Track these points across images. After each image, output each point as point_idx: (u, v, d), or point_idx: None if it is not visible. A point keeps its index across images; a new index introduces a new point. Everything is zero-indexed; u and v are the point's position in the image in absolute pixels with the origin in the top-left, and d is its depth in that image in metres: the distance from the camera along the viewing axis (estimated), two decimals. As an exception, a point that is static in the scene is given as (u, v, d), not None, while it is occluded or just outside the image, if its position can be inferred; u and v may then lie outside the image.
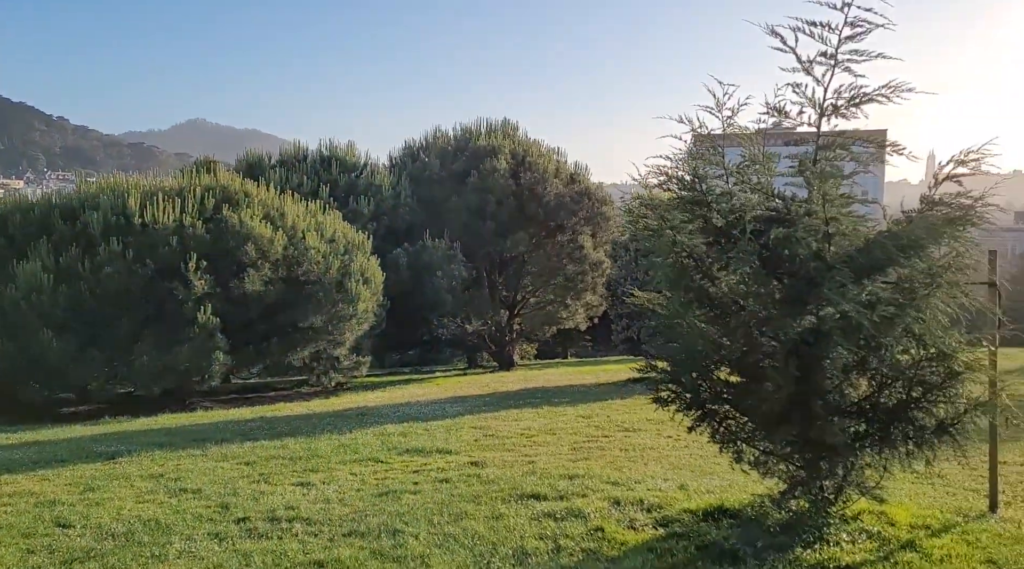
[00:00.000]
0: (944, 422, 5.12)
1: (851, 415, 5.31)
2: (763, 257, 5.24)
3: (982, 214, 4.98)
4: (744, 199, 5.54)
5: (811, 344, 4.90)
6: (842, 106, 5.15)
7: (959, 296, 5.09)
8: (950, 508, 5.90)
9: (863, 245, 4.88)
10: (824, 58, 5.15)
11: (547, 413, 11.35)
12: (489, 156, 22.10)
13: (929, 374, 5.10)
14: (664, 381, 5.70)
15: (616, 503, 5.94)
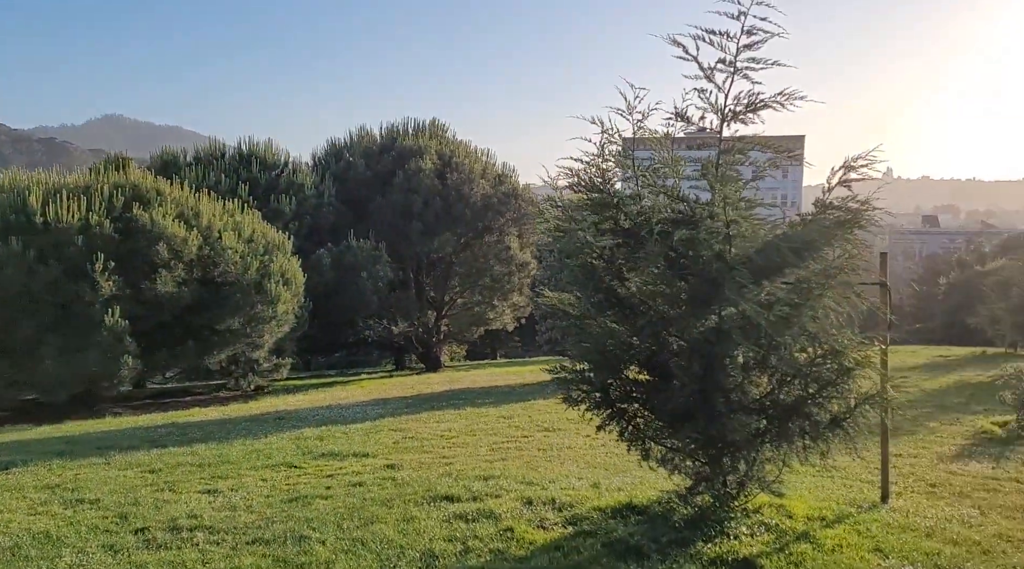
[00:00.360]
0: (837, 417, 5.34)
1: (752, 412, 5.47)
2: (669, 258, 5.36)
3: (871, 217, 5.21)
4: (653, 202, 5.66)
5: (713, 343, 5.03)
6: (740, 112, 5.30)
7: (851, 296, 5.34)
8: (845, 500, 6.15)
9: (761, 247, 5.04)
10: (724, 65, 5.29)
11: (469, 414, 11.33)
12: (415, 156, 21.94)
13: (824, 371, 5.31)
14: (575, 381, 5.76)
15: (529, 503, 5.96)
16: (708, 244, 5.11)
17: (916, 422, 10.17)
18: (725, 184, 5.09)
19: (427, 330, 23.26)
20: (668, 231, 5.21)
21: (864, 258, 5.51)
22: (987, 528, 5.42)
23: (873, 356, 5.40)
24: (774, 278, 5.21)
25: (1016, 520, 5.66)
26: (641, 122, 5.67)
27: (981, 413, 10.52)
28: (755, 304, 4.77)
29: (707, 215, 5.22)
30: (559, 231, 5.78)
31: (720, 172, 5.41)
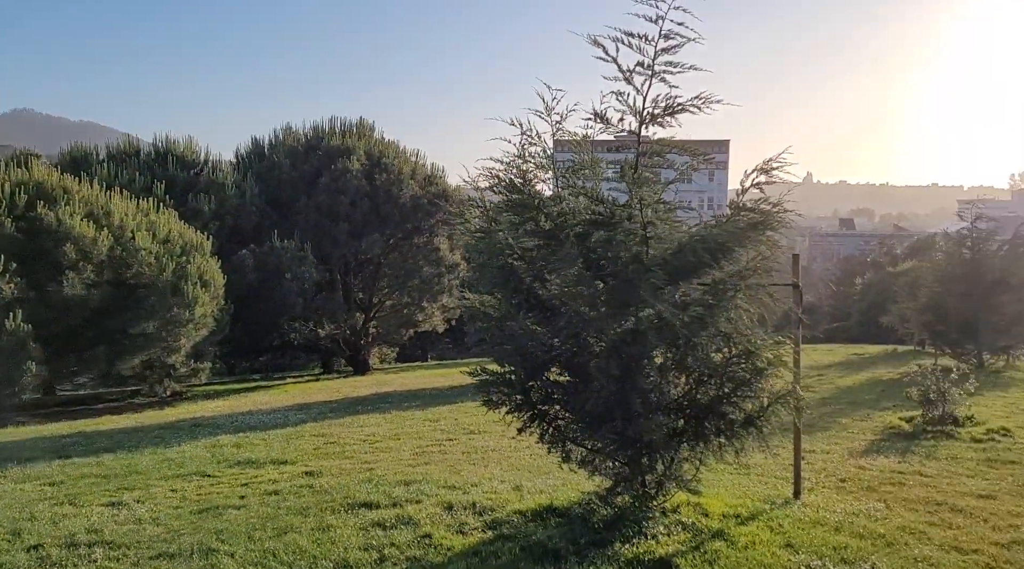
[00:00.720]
0: (751, 416, 5.45)
1: (670, 412, 5.53)
2: (588, 260, 5.37)
3: (782, 219, 5.33)
4: (573, 203, 5.66)
5: (630, 344, 5.05)
6: (658, 115, 5.34)
7: (764, 297, 5.45)
8: (761, 496, 6.29)
9: (677, 249, 5.09)
10: (642, 68, 5.33)
11: (394, 418, 11.15)
12: (343, 156, 21.53)
13: (739, 371, 5.40)
14: (496, 383, 5.70)
15: (449, 508, 5.87)
16: (626, 246, 5.13)
17: (830, 418, 10.53)
18: (641, 186, 5.12)
19: (355, 332, 22.86)
20: (586, 233, 5.21)
21: (777, 260, 5.65)
22: (891, 521, 5.62)
23: (786, 356, 5.53)
24: (690, 279, 5.27)
25: (918, 512, 5.89)
26: (560, 123, 5.66)
27: (890, 409, 10.94)
28: (670, 305, 4.81)
29: (625, 217, 5.24)
30: (480, 232, 5.72)
31: (638, 174, 5.45)
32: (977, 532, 5.41)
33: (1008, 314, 16.08)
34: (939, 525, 5.58)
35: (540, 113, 5.66)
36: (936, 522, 5.65)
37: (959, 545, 5.13)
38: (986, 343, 16.31)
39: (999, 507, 6.06)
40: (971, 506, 6.07)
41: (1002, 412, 10.51)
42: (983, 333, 16.17)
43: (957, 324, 16.43)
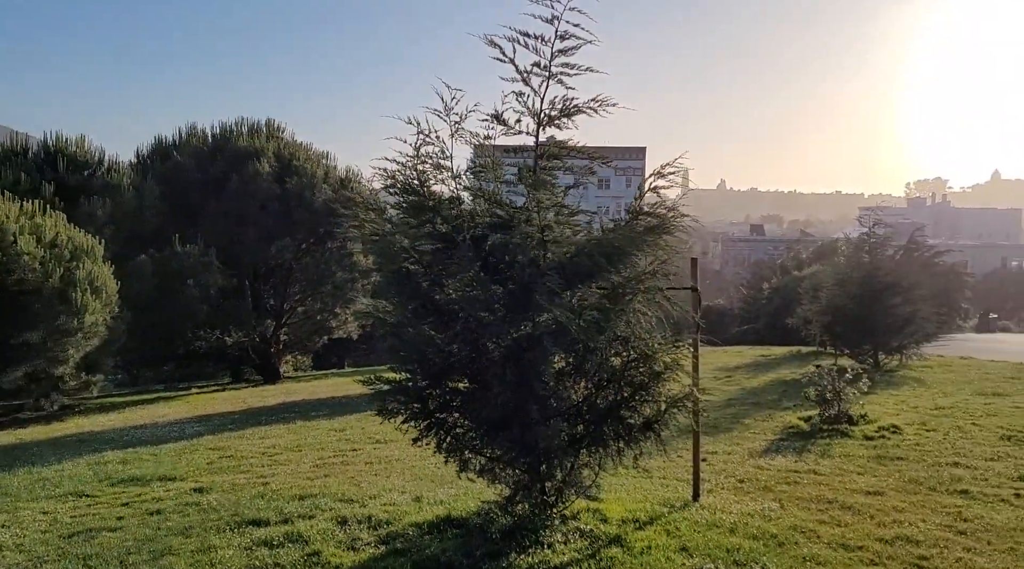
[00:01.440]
0: (649, 419, 5.44)
1: (569, 417, 5.47)
2: (487, 264, 5.25)
3: (678, 224, 5.34)
4: (472, 206, 5.53)
5: (526, 350, 4.95)
6: (555, 117, 5.28)
7: (662, 301, 5.45)
8: (661, 500, 6.30)
9: (574, 253, 5.03)
10: (539, 69, 5.26)
11: (299, 428, 10.76)
12: (252, 158, 20.78)
13: (637, 375, 5.39)
14: (393, 391, 5.50)
15: (343, 522, 5.63)
16: (523, 249, 5.04)
17: (734, 419, 10.76)
18: (539, 189, 5.03)
19: (265, 340, 22.09)
20: (483, 236, 5.09)
21: (675, 263, 5.67)
22: (784, 520, 5.71)
23: (684, 359, 5.55)
24: (588, 284, 5.22)
25: (810, 511, 6.02)
26: (459, 124, 5.52)
27: (791, 409, 11.27)
28: (567, 310, 4.73)
29: (524, 220, 5.15)
30: (375, 235, 5.52)
31: (536, 177, 5.37)
32: (863, 529, 5.56)
33: (900, 315, 16.88)
34: (829, 523, 5.71)
35: (438, 112, 5.51)
36: (826, 520, 5.78)
37: (846, 542, 5.25)
38: (881, 343, 17.07)
39: (886, 503, 6.26)
40: (860, 503, 6.25)
41: (893, 410, 10.97)
42: (878, 334, 16.93)
43: (854, 325, 17.14)
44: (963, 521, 5.75)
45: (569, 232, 5.34)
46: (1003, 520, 5.74)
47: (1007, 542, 5.24)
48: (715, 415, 11.20)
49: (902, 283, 17.15)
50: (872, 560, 4.95)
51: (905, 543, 5.23)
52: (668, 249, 5.56)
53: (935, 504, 6.23)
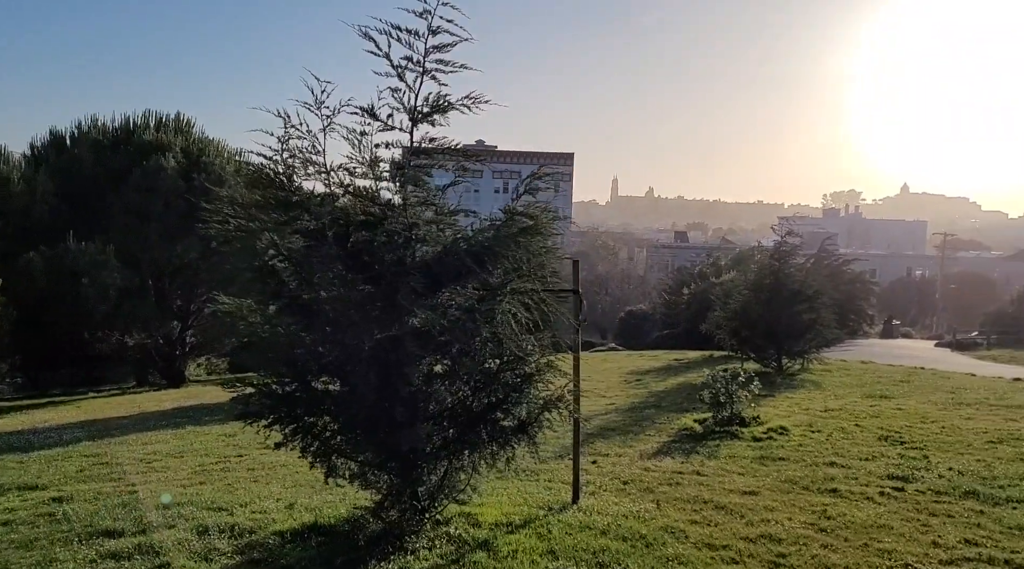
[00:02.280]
0: (523, 422, 5.39)
1: (442, 420, 5.37)
2: (358, 262, 5.10)
3: (553, 225, 5.32)
4: (345, 202, 5.38)
5: (390, 351, 4.83)
6: (428, 113, 5.18)
7: (543, 304, 5.42)
8: (541, 502, 6.26)
9: (441, 252, 4.94)
10: (413, 64, 5.16)
11: (187, 434, 10.32)
12: (156, 152, 19.96)
13: (510, 377, 5.33)
14: (257, 394, 5.28)
15: (203, 532, 5.38)
16: (389, 248, 4.92)
17: (635, 422, 10.88)
18: (406, 185, 4.92)
19: (169, 342, 21.22)
20: (347, 233, 4.95)
21: (552, 265, 5.64)
22: (657, 521, 5.75)
23: (557, 361, 5.52)
24: (458, 285, 5.14)
25: (685, 511, 6.09)
26: (331, 118, 5.35)
27: (691, 411, 11.46)
28: (431, 311, 4.63)
29: (396, 218, 5.03)
30: (240, 231, 5.29)
31: (407, 173, 5.27)
32: (732, 528, 5.65)
33: (803, 321, 17.47)
34: (700, 523, 5.78)
35: (308, 105, 5.33)
36: (698, 520, 5.85)
37: (712, 542, 5.32)
38: (785, 348, 17.63)
39: (759, 502, 6.40)
40: (734, 503, 6.36)
41: (786, 412, 11.29)
42: (781, 339, 17.48)
43: (760, 330, 17.65)
44: (826, 519, 5.92)
45: (440, 231, 5.25)
46: (863, 517, 5.93)
47: (863, 538, 5.41)
48: (617, 418, 11.32)
49: (807, 290, 17.77)
50: (733, 559, 5.03)
51: (768, 541, 5.34)
52: (551, 251, 5.56)
53: (805, 503, 6.39)
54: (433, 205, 5.25)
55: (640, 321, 45.33)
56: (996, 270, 78.65)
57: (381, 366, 4.94)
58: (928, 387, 14.27)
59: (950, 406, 11.66)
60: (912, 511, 6.15)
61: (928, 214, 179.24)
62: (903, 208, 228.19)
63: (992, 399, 12.28)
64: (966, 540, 5.39)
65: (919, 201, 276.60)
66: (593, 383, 16.84)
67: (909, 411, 11.16)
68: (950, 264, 76.95)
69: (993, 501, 6.41)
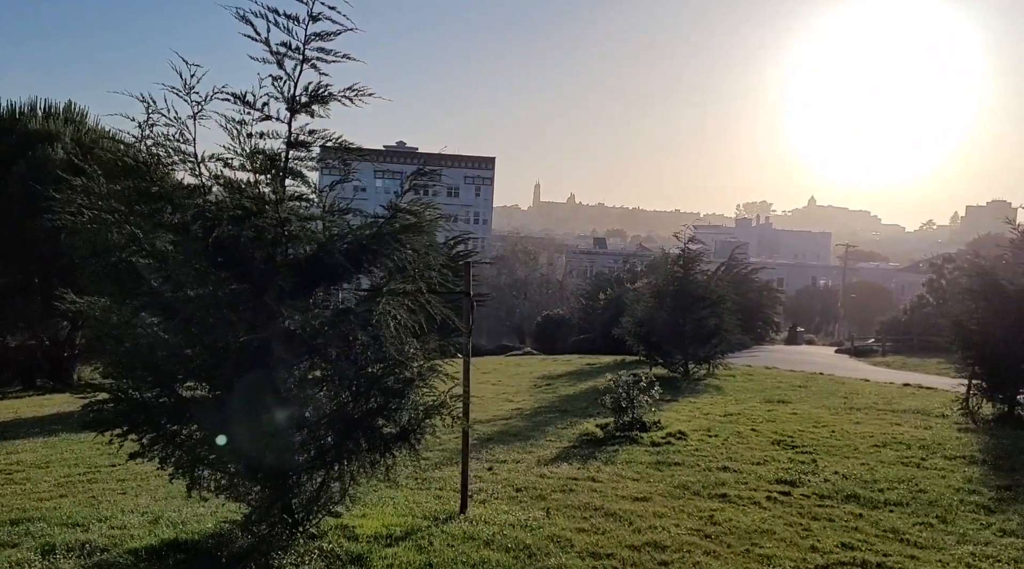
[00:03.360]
0: (405, 429, 5.16)
1: (318, 428, 5.08)
2: (228, 259, 4.77)
3: (437, 223, 5.13)
4: (218, 195, 5.02)
5: (260, 355, 4.51)
6: (306, 103, 4.90)
7: (427, 305, 5.20)
8: (428, 512, 6.03)
9: (316, 250, 4.66)
10: (292, 51, 4.87)
11: (59, 442, 9.60)
12: (44, 142, 18.70)
13: (391, 382, 5.09)
14: (112, 401, 4.86)
15: (49, 551, 4.91)
16: (259, 245, 4.61)
17: (537, 427, 10.76)
18: (276, 179, 4.63)
19: (56, 343, 19.90)
20: (212, 228, 4.61)
21: (435, 265, 5.43)
22: (545, 530, 5.62)
23: (441, 365, 5.32)
24: (336, 284, 4.88)
25: (574, 519, 5.98)
26: (202, 104, 4.99)
27: (595, 416, 11.45)
28: (299, 313, 4.35)
29: (271, 213, 4.72)
30: (94, 223, 4.87)
31: (285, 166, 4.97)
32: (619, 536, 5.57)
33: (708, 326, 17.86)
34: (587, 531, 5.68)
35: (177, 90, 4.96)
36: (586, 528, 5.75)
37: (597, 550, 5.22)
38: (690, 353, 17.96)
39: (648, 509, 6.35)
40: (624, 509, 6.30)
41: (687, 417, 11.42)
42: (688, 344, 17.81)
43: (667, 336, 17.94)
44: (712, 525, 5.92)
45: (326, 228, 4.98)
46: (748, 522, 5.96)
47: (745, 544, 5.42)
48: (520, 423, 11.20)
49: (711, 296, 18.17)
50: (616, 567, 4.93)
51: (653, 549, 5.28)
52: (437, 250, 5.36)
53: (693, 508, 6.39)
54: (308, 201, 4.96)
55: (557, 326, 45.55)
56: (893, 280, 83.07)
57: (251, 370, 4.61)
58: (824, 392, 14.75)
59: (842, 411, 12.06)
60: (795, 515, 6.24)
61: (833, 226, 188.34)
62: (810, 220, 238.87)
63: (881, 404, 12.78)
64: (843, 544, 5.48)
65: (825, 213, 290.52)
66: (503, 387, 16.74)
67: (803, 416, 11.47)
68: (851, 274, 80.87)
69: (872, 504, 6.58)
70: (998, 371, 11.00)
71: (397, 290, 4.73)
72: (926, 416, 11.34)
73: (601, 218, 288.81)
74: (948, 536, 5.71)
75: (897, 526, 5.92)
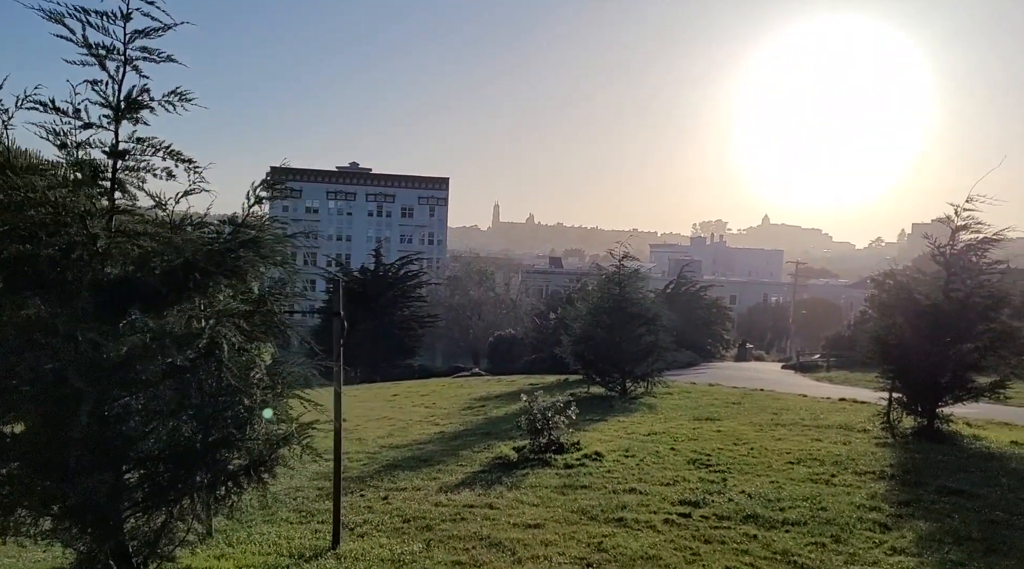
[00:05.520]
0: (254, 462, 4.75)
1: (157, 464, 4.64)
2: (33, 280, 4.33)
3: (281, 241, 4.76)
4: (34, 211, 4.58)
5: (57, 385, 4.08)
6: (127, 110, 4.51)
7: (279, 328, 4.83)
8: (297, 548, 5.63)
9: (132, 270, 4.26)
10: (113, 53, 4.49)
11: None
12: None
13: (233, 413, 4.68)
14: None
15: None
16: (58, 264, 4.19)
17: (452, 451, 10.36)
18: (77, 189, 4.22)
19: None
20: (10, 245, 4.18)
21: (293, 283, 5.07)
22: (418, 564, 5.29)
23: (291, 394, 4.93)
24: (163, 306, 4.46)
25: (455, 551, 5.64)
26: (8, 114, 4.54)
27: (517, 438, 11.08)
28: (100, 335, 3.93)
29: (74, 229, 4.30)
30: None
31: (114, 178, 4.57)
32: (496, 568, 5.22)
33: (644, 344, 17.69)
34: (464, 564, 5.34)
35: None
36: (463, 561, 5.41)
37: (464, 587, 4.86)
38: (628, 371, 17.75)
39: (538, 537, 6.02)
40: (511, 538, 5.96)
41: (610, 436, 11.13)
42: (625, 362, 17.61)
43: (604, 354, 17.73)
44: (599, 552, 5.61)
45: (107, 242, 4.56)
46: (637, 547, 5.67)
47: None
48: (436, 447, 10.78)
49: (646, 313, 18.03)
50: (477, 607, 4.57)
51: (525, 583, 4.93)
52: (288, 267, 4.99)
53: (585, 535, 6.08)
54: (138, 214, 4.57)
55: (509, 345, 45.22)
56: (842, 297, 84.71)
57: (64, 403, 4.17)
58: (756, 409, 14.63)
59: (767, 427, 11.91)
60: (688, 539, 5.96)
61: (786, 244, 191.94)
62: (764, 238, 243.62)
63: (808, 419, 12.67)
64: (727, 568, 5.20)
65: (778, 232, 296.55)
66: (434, 410, 16.29)
67: (727, 433, 11.28)
68: (802, 291, 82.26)
69: (770, 524, 6.34)
70: (916, 385, 10.96)
71: (231, 311, 4.34)
72: (848, 431, 11.25)
73: (560, 238, 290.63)
74: (838, 556, 5.48)
75: (789, 547, 5.68)
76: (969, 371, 10.80)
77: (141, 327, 4.06)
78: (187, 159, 4.66)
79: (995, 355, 10.47)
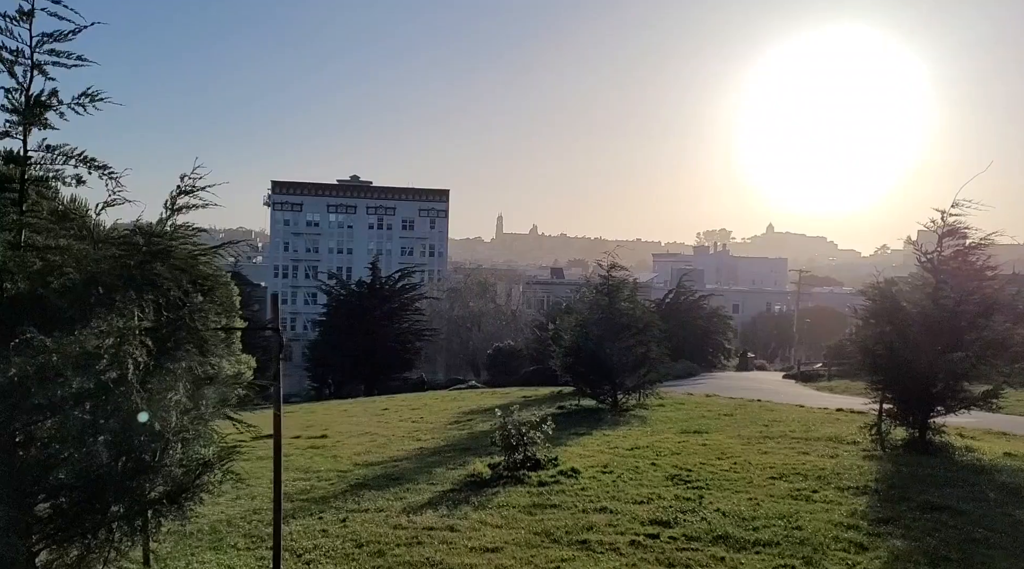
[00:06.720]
0: (176, 489, 4.47)
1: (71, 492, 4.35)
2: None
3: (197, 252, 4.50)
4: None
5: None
6: (38, 114, 4.26)
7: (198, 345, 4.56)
8: (232, 580, 5.32)
9: (22, 287, 3.98)
10: (21, 57, 4.25)
11: None
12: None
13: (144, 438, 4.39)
14: None
15: None
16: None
17: (426, 468, 10.02)
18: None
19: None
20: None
21: (226, 297, 4.81)
22: (356, 596, 4.94)
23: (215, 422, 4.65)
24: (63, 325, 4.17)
25: (397, 580, 5.31)
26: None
27: (495, 454, 10.76)
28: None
29: None
30: None
31: (23, 189, 4.31)
32: (438, 599, 4.91)
33: (635, 355, 17.35)
34: (407, 594, 5.02)
35: None
36: (407, 591, 5.09)
37: (401, 620, 4.55)
38: (619, 383, 17.40)
39: (494, 562, 5.74)
40: (466, 564, 5.67)
41: (591, 451, 10.80)
42: (616, 373, 17.26)
43: (594, 365, 17.38)
44: (554, 580, 5.29)
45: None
46: (593, 576, 5.35)
47: (573, 604, 4.80)
48: (410, 464, 10.47)
49: (636, 324, 17.70)
50: (409, 643, 4.26)
51: (467, 615, 4.62)
52: (212, 279, 4.73)
53: (543, 559, 5.77)
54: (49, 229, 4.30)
55: (508, 357, 44.88)
56: (846, 305, 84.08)
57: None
58: (747, 421, 14.28)
59: (755, 440, 11.57)
60: (652, 563, 5.65)
61: (790, 252, 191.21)
62: (768, 247, 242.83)
63: (798, 432, 12.31)
64: (687, 598, 4.88)
65: (783, 240, 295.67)
66: (419, 425, 15.96)
67: (712, 447, 10.94)
68: (806, 299, 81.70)
69: (740, 545, 6.01)
70: (907, 395, 10.62)
71: (132, 328, 4.05)
72: (837, 444, 10.90)
73: (564, 248, 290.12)
74: (807, 582, 5.16)
75: (756, 573, 5.35)
76: (961, 380, 10.46)
77: (40, 347, 3.78)
78: (101, 165, 4.40)
79: (987, 364, 10.13)
